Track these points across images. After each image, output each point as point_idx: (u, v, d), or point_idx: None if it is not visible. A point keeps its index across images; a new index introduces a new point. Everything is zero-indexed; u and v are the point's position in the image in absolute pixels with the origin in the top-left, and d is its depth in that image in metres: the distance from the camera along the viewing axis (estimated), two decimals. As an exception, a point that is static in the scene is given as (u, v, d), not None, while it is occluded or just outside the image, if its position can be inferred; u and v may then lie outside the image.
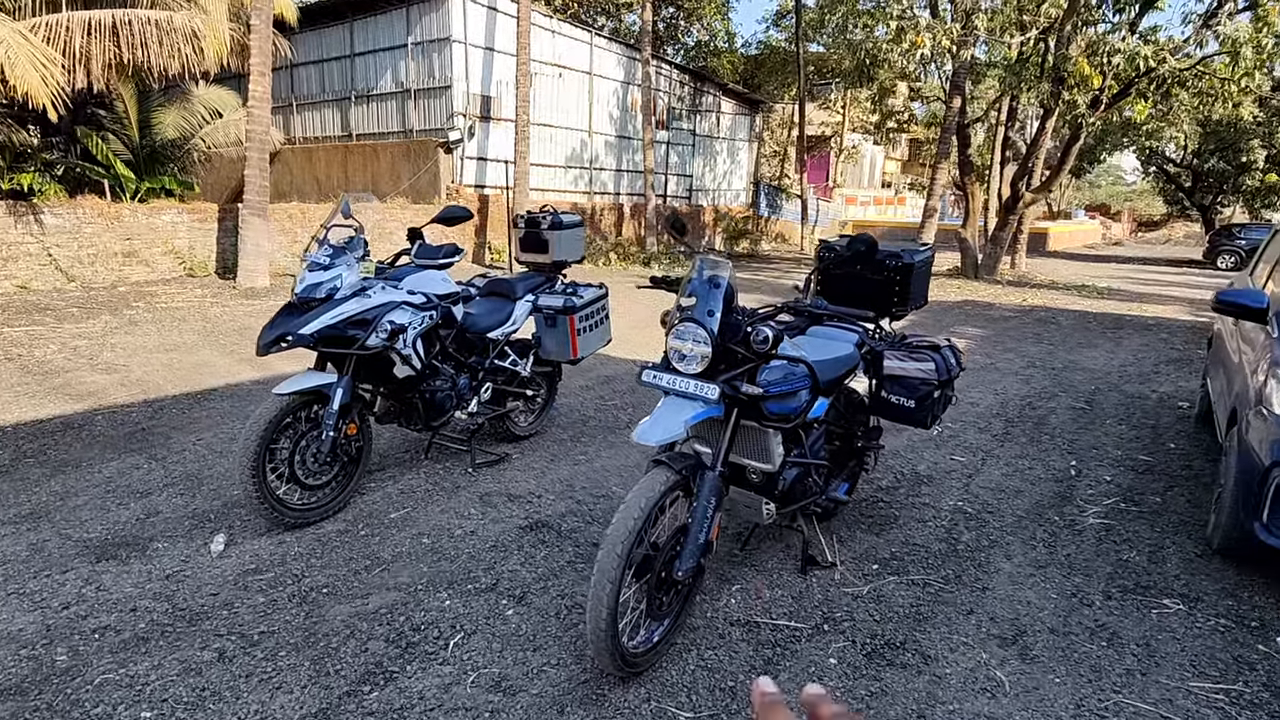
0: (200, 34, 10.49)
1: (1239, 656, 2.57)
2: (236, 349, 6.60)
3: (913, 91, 19.70)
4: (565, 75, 16.32)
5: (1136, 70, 12.03)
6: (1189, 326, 10.03)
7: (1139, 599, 2.93)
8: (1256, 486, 2.94)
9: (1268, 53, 11.74)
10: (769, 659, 2.47)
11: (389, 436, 4.47)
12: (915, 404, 3.08)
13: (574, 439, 4.61)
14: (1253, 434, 3.06)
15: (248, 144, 10.10)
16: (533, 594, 2.82)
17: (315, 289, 3.16)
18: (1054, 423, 5.27)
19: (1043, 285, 14.54)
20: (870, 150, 34.12)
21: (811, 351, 2.73)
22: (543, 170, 16.08)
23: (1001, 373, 6.79)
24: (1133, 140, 22.09)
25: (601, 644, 2.14)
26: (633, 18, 23.32)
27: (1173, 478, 4.27)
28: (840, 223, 28.56)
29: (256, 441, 3.02)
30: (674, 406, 2.33)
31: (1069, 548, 3.35)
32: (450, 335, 3.83)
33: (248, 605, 2.69)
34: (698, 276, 2.38)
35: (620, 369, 6.38)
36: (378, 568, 2.98)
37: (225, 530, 3.23)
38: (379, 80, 15.14)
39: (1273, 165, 23.22)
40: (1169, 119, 17.88)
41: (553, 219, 4.36)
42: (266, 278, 10.18)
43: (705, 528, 2.32)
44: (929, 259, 3.47)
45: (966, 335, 8.69)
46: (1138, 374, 6.94)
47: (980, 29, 12.30)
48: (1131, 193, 47.64)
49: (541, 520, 3.45)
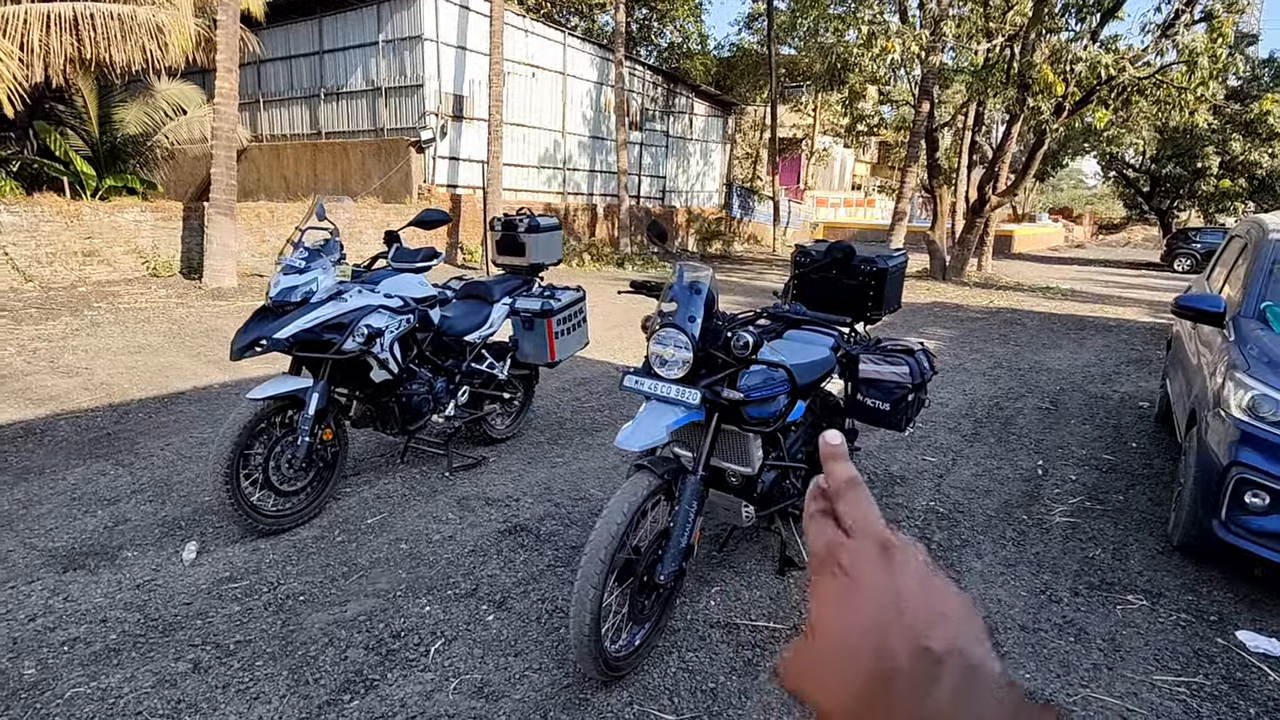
0: (165, 28, 10.28)
1: (1199, 650, 2.67)
2: (204, 351, 6.47)
3: (882, 96, 19.99)
4: (539, 75, 16.27)
5: (1098, 78, 12.34)
6: (1148, 328, 10.32)
7: (1104, 595, 3.02)
8: (1215, 485, 3.05)
9: (1222, 62, 12.14)
10: (749, 660, 2.51)
11: (364, 440, 4.42)
12: (890, 407, 3.14)
13: (551, 441, 4.61)
14: (1211, 435, 3.17)
15: (214, 141, 9.90)
16: (513, 598, 2.82)
17: (291, 292, 3.12)
18: (1021, 423, 5.40)
19: (1008, 287, 14.85)
20: (841, 153, 34.50)
21: (789, 355, 2.77)
22: (516, 170, 16.00)
23: (970, 373, 6.93)
24: (1094, 146, 22.70)
25: (584, 649, 2.15)
26: (606, 18, 23.31)
27: (1134, 476, 4.40)
28: (811, 224, 28.85)
29: (230, 447, 2.97)
30: (656, 412, 2.35)
31: (1037, 546, 3.43)
32: (427, 339, 3.80)
33: (222, 614, 2.65)
34: (679, 282, 2.40)
35: (597, 371, 6.39)
36: (355, 574, 2.96)
37: (197, 538, 3.17)
38: (349, 78, 14.94)
39: (1226, 171, 23.99)
40: (1128, 126, 18.40)
41: (529, 222, 4.35)
42: (234, 278, 9.99)
43: (687, 532, 2.34)
44: (902, 264, 3.53)
45: (936, 336, 8.84)
46: (1100, 374, 7.13)
47: (948, 35, 12.53)
48: (1093, 196, 48.88)
49: (520, 524, 3.44)
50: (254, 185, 15.89)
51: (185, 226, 10.51)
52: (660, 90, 20.58)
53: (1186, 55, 12.09)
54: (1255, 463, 2.92)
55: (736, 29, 37.75)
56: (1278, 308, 3.48)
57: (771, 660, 2.50)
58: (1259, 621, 2.86)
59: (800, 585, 2.99)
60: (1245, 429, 2.98)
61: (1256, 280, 3.73)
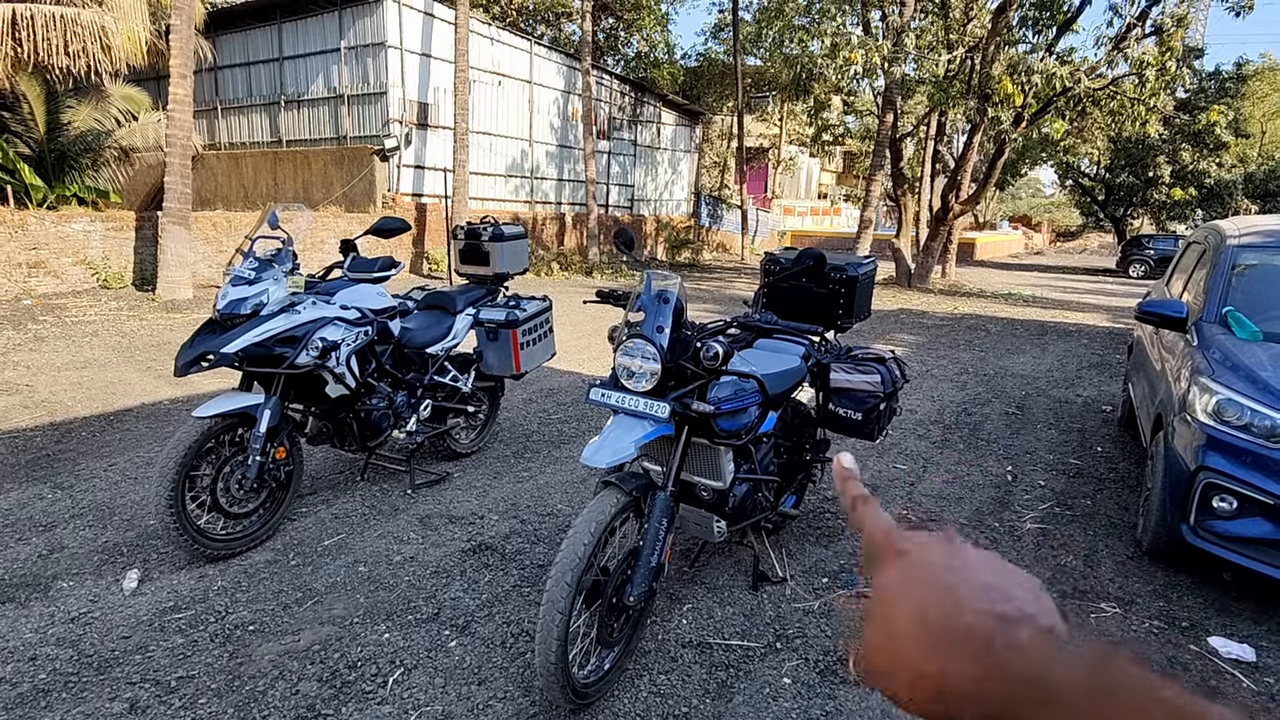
0: (111, 32, 9.96)
1: (1173, 658, 2.65)
2: (155, 365, 6.22)
3: (847, 106, 20.25)
4: (505, 83, 16.15)
5: (1054, 89, 12.63)
6: (1107, 332, 10.53)
7: (1077, 603, 3.00)
8: (1183, 490, 3.05)
9: (1171, 74, 12.51)
10: (723, 681, 2.42)
11: (321, 457, 4.26)
12: (862, 416, 3.10)
13: (517, 455, 4.49)
14: (1178, 440, 3.18)
15: (168, 149, 9.61)
16: (477, 622, 2.70)
17: (239, 305, 2.97)
18: (989, 428, 5.42)
19: (972, 293, 15.08)
20: (807, 162, 34.90)
21: (760, 365, 2.70)
22: (483, 179, 15.84)
23: (937, 379, 6.96)
24: (1051, 155, 23.24)
25: (551, 676, 2.05)
26: (572, 27, 23.30)
27: (1101, 480, 4.42)
28: (779, 233, 29.08)
29: (175, 468, 2.81)
30: (624, 426, 2.26)
31: (1010, 554, 3.41)
32: (387, 351, 3.67)
33: (164, 648, 2.48)
34: (646, 292, 2.32)
35: (565, 382, 6.28)
36: (310, 600, 2.81)
37: (139, 565, 3.00)
38: (310, 85, 14.67)
39: (1177, 180, 24.75)
40: (1084, 136, 18.90)
41: (494, 230, 4.25)
42: (189, 289, 9.68)
43: (658, 550, 2.25)
44: (872, 271, 3.50)
45: (903, 343, 8.90)
46: (1063, 379, 7.22)
47: (910, 47, 12.72)
48: (1051, 205, 50.13)
49: (485, 542, 3.32)
50: (211, 194, 15.49)
51: (138, 236, 10.17)
52: (628, 99, 20.59)
53: (1138, 67, 12.44)
54: (1222, 467, 2.92)
55: (703, 39, 38.03)
56: (1239, 312, 3.52)
57: (746, 682, 2.42)
58: (1230, 626, 2.85)
59: (774, 600, 2.91)
60: (1211, 433, 2.99)
61: (1217, 285, 3.78)
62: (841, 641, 2.62)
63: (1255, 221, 4.59)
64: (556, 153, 18.12)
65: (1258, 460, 2.84)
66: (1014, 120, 13.89)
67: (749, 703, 2.32)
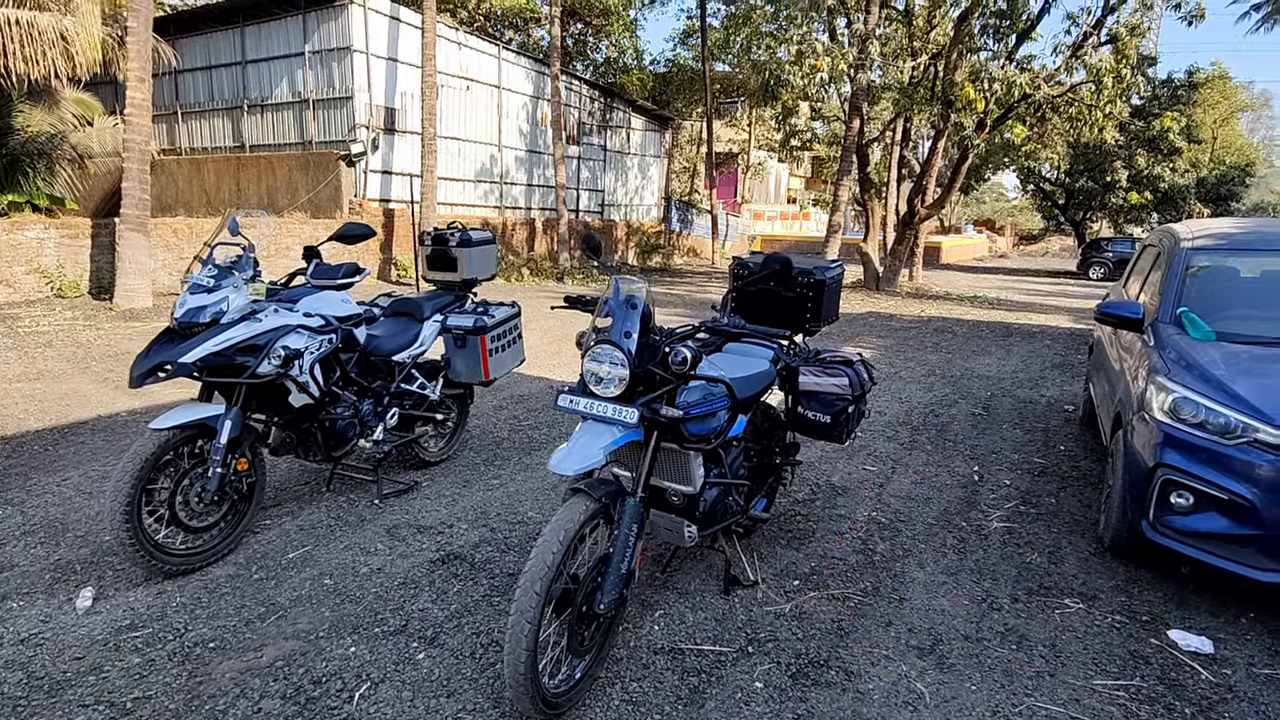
0: (70, 37, 9.71)
1: (1134, 651, 2.70)
2: (112, 376, 6.05)
3: (814, 112, 20.49)
4: (473, 88, 16.06)
5: (1014, 96, 12.91)
6: (1069, 333, 10.76)
7: (1043, 600, 3.05)
8: (1142, 487, 3.12)
9: (1126, 82, 12.87)
10: (695, 687, 2.41)
11: (286, 468, 4.17)
12: (831, 419, 3.12)
13: (487, 463, 4.44)
14: (1137, 438, 3.26)
15: (126, 154, 9.38)
16: (445, 633, 2.66)
17: (198, 313, 2.90)
18: (956, 429, 5.50)
19: (939, 296, 15.33)
20: (776, 167, 35.23)
21: (729, 369, 2.71)
22: (451, 184, 15.72)
23: (905, 381, 7.05)
24: (1013, 160, 23.73)
25: (521, 688, 2.02)
26: (541, 32, 23.26)
27: (1064, 479, 4.51)
28: (749, 237, 29.29)
29: (130, 482, 2.73)
30: (592, 432, 2.25)
31: (977, 553, 3.46)
32: (352, 359, 3.61)
33: (119, 668, 2.40)
34: (614, 297, 2.31)
35: (535, 388, 6.24)
36: (273, 615, 2.74)
37: (94, 583, 2.90)
38: (274, 89, 14.43)
39: (1134, 185, 25.44)
40: (1044, 141, 19.34)
41: (461, 236, 4.20)
42: (148, 298, 9.45)
43: (628, 557, 2.24)
44: (839, 275, 3.53)
45: (871, 345, 9.01)
46: (1027, 379, 7.36)
47: (875, 54, 12.91)
48: (1014, 209, 51.22)
49: (454, 552, 3.28)
50: (172, 200, 15.16)
51: (94, 244, 9.90)
52: (597, 105, 20.61)
53: (1094, 75, 12.78)
54: (1179, 464, 2.99)
55: (672, 45, 38.16)
56: (1193, 313, 3.61)
57: (718, 687, 2.42)
58: (1188, 620, 2.92)
59: (746, 604, 2.92)
60: (1168, 431, 3.06)
61: (1171, 287, 3.88)
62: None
63: (1207, 225, 4.72)
64: (526, 158, 18.06)
65: (1212, 457, 2.91)
66: (976, 126, 14.17)
67: (721, 708, 2.31)
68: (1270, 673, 2.59)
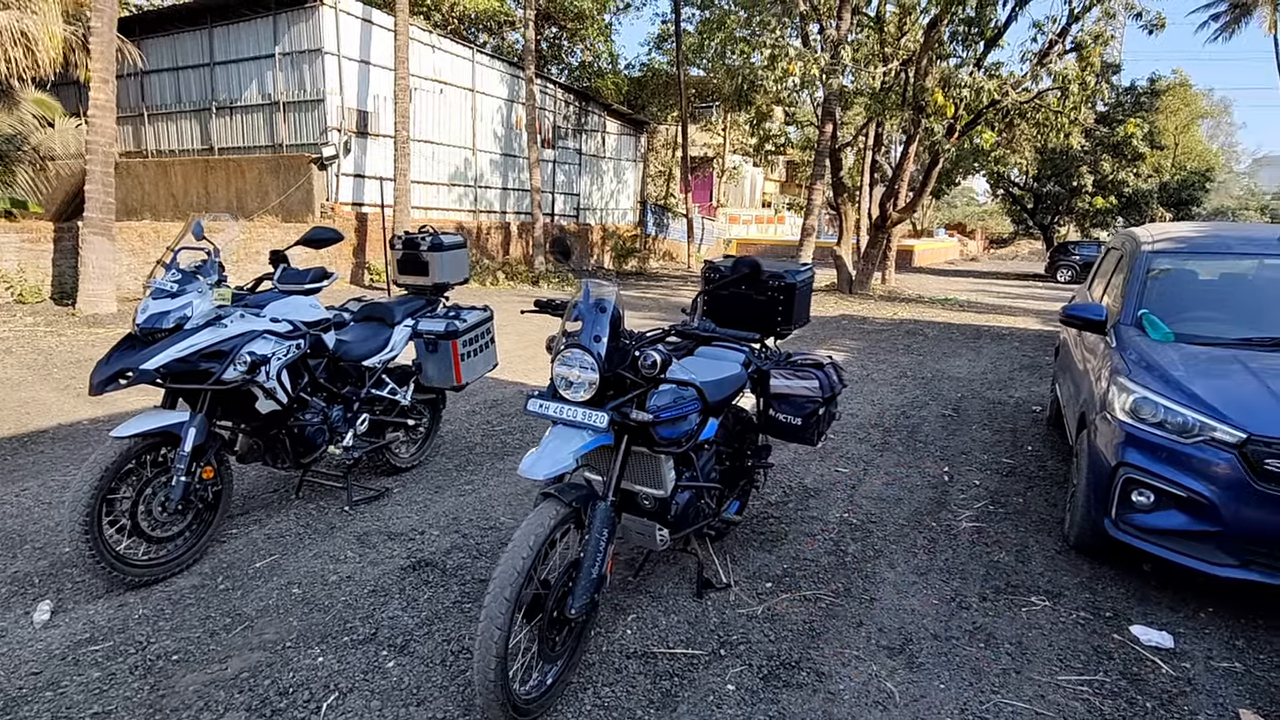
0: (32, 36, 9.49)
1: (1098, 647, 2.75)
2: (74, 383, 5.91)
3: (788, 116, 20.67)
4: (447, 91, 15.97)
5: (983, 102, 13.15)
6: (1037, 335, 10.96)
7: (1010, 598, 3.09)
8: (1105, 485, 3.19)
9: (1091, 89, 13.17)
10: (667, 691, 2.41)
11: (254, 476, 4.11)
12: (802, 421, 3.14)
13: (459, 468, 4.41)
14: (1100, 437, 3.32)
15: (89, 156, 9.18)
16: (416, 641, 2.63)
17: (161, 319, 2.84)
18: (926, 430, 5.56)
19: (911, 299, 15.53)
20: (750, 171, 35.46)
21: (700, 372, 2.72)
22: (425, 188, 15.61)
23: (877, 383, 7.13)
24: (983, 165, 24.16)
25: (491, 695, 2.00)
26: (515, 36, 23.19)
27: (1031, 479, 4.59)
28: (725, 241, 29.45)
29: (90, 492, 2.66)
30: (562, 436, 2.24)
31: (946, 553, 3.50)
32: (321, 365, 3.56)
33: (78, 683, 2.35)
34: (583, 301, 2.30)
35: (508, 392, 6.21)
36: (239, 626, 2.69)
37: (52, 596, 2.83)
38: (243, 91, 14.23)
39: (1099, 189, 26.01)
40: (1012, 147, 19.69)
41: (432, 240, 4.17)
42: (113, 303, 9.25)
43: (599, 562, 2.23)
44: (810, 278, 3.56)
45: (844, 348, 9.10)
46: (996, 381, 7.47)
47: (847, 60, 13.07)
48: (984, 213, 52.07)
49: (425, 558, 3.25)
50: (138, 203, 14.86)
51: (56, 248, 9.67)
52: (572, 108, 20.59)
53: (1060, 82, 13.05)
54: (1140, 462, 3.06)
55: (647, 49, 38.28)
56: (1153, 315, 3.70)
57: (690, 690, 2.42)
58: (1150, 615, 2.98)
59: (719, 607, 2.92)
60: (1129, 431, 3.13)
61: (1133, 290, 3.96)
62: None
63: (1167, 229, 4.84)
64: (501, 161, 17.99)
65: (1172, 455, 2.98)
66: (947, 131, 14.39)
67: (693, 711, 2.32)
68: (1228, 665, 2.66)
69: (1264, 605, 3.05)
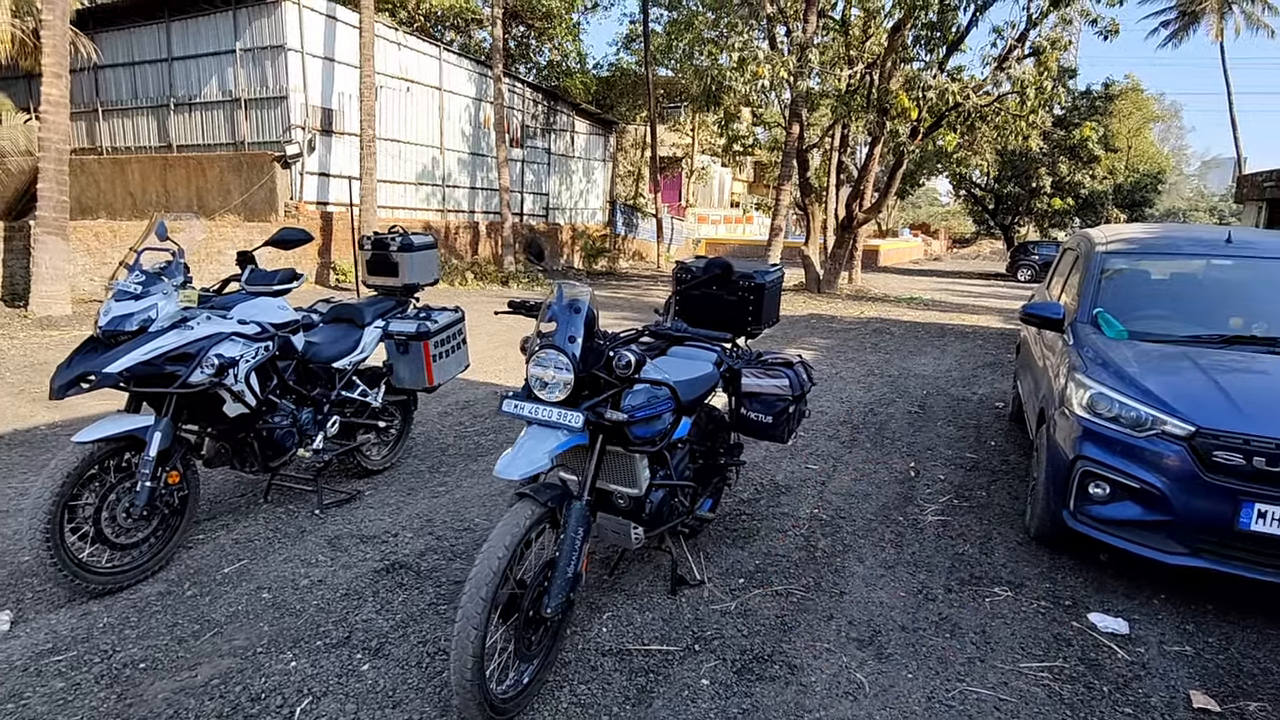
0: (-23, 27, 9.17)
1: (1058, 635, 2.85)
2: (28, 388, 5.74)
3: (756, 117, 20.85)
4: (414, 90, 15.80)
5: (946, 104, 13.42)
6: (999, 333, 11.22)
7: (974, 589, 3.18)
8: (1064, 478, 3.30)
9: (1048, 93, 13.52)
10: (643, 687, 2.44)
11: (221, 480, 4.04)
12: (773, 419, 3.19)
13: (432, 470, 4.39)
14: (1059, 432, 3.43)
15: (42, 153, 8.91)
16: (390, 644, 2.62)
17: (124, 321, 2.79)
18: (893, 427, 5.68)
19: (877, 298, 15.78)
20: (719, 171, 35.67)
21: (673, 372, 2.75)
22: (392, 187, 15.43)
23: (845, 381, 7.25)
24: (945, 166, 24.67)
25: (468, 694, 2.01)
26: (482, 34, 23.03)
27: (994, 473, 4.71)
28: (694, 240, 29.58)
29: (51, 499, 2.61)
30: (537, 436, 2.26)
31: (913, 546, 3.59)
32: (290, 367, 3.52)
33: (42, 694, 2.30)
34: (557, 301, 2.32)
35: (480, 393, 6.18)
36: (208, 632, 2.66)
37: (12, 606, 2.76)
38: (203, 87, 13.92)
39: (1057, 191, 26.71)
40: (974, 149, 20.12)
41: (402, 240, 4.14)
42: (67, 305, 8.99)
43: (574, 560, 2.25)
44: (779, 278, 3.62)
45: (813, 346, 9.22)
46: (960, 378, 7.65)
47: (814, 62, 13.23)
48: (947, 213, 53.10)
49: (399, 561, 3.23)
50: (93, 201, 14.45)
51: (7, 248, 9.38)
52: (541, 108, 20.52)
53: (1019, 86, 13.37)
54: (1096, 456, 3.17)
55: (615, 49, 38.28)
56: (1108, 314, 3.83)
57: (665, 686, 2.45)
58: (1106, 603, 3.09)
59: (693, 603, 2.96)
60: (1086, 425, 3.24)
61: (1088, 289, 4.10)
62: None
63: (1121, 230, 5.01)
64: (469, 160, 17.85)
65: (1126, 449, 3.10)
66: (910, 133, 14.66)
67: (668, 706, 2.35)
68: (1180, 649, 2.77)
69: (1212, 591, 3.18)
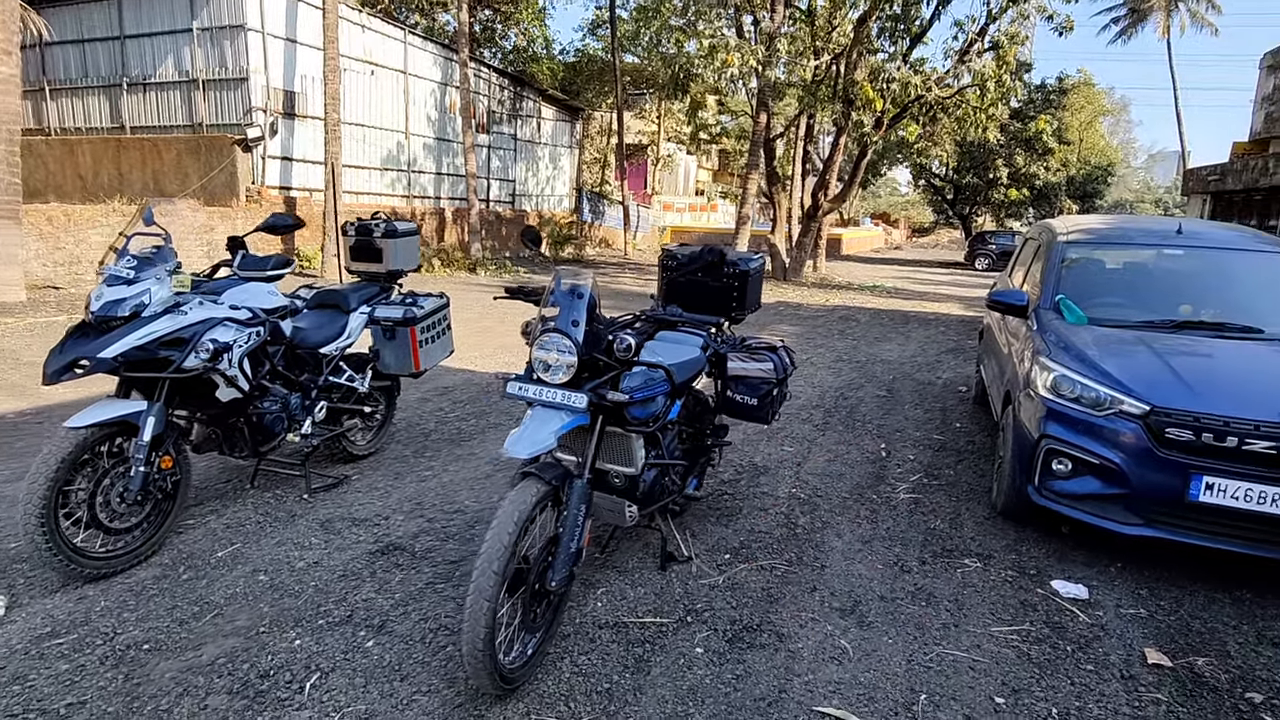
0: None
1: (1024, 601, 3.04)
2: (-9, 376, 5.59)
3: (722, 106, 20.97)
4: (378, 73, 15.54)
5: (909, 96, 13.72)
6: (960, 320, 11.58)
7: (946, 561, 3.37)
8: (1029, 456, 3.49)
9: (1007, 86, 13.90)
10: (640, 656, 2.55)
11: (206, 465, 4.02)
12: (758, 401, 3.32)
13: (417, 454, 4.43)
14: (1024, 413, 3.63)
15: (-10, 134, 8.57)
16: (393, 621, 2.69)
17: (117, 306, 2.78)
18: (863, 410, 5.88)
19: (842, 286, 16.09)
20: (685, 159, 35.75)
21: (664, 356, 2.85)
22: (357, 172, 15.19)
23: (816, 367, 7.44)
24: (906, 157, 25.15)
25: (479, 664, 2.10)
26: (447, 17, 22.68)
27: (960, 452, 4.93)
28: (660, 228, 29.64)
29: (45, 484, 2.60)
30: (542, 417, 2.34)
31: (888, 522, 3.76)
32: (279, 352, 3.53)
33: (47, 675, 2.31)
34: (559, 287, 2.40)
35: (459, 379, 6.21)
36: (209, 614, 2.69)
37: (4, 592, 2.75)
38: (157, 67, 13.50)
39: (1013, 182, 27.44)
40: (934, 140, 20.56)
41: (386, 226, 4.15)
42: (21, 290, 8.72)
43: (577, 536, 2.35)
44: (761, 266, 3.74)
45: (783, 333, 9.41)
46: (925, 363, 7.91)
47: (782, 52, 13.38)
48: (907, 203, 54.10)
49: (393, 543, 3.29)
50: (42, 184, 13.93)
51: (-46, 232, 9.00)
52: (507, 93, 20.33)
53: (979, 79, 13.73)
54: (1059, 434, 3.37)
55: (581, 35, 37.99)
56: (1069, 300, 4.04)
57: (662, 655, 2.57)
58: (1068, 571, 3.30)
59: (682, 578, 3.08)
60: (1050, 405, 3.44)
61: (1050, 277, 4.31)
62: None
63: (1080, 221, 5.25)
64: (435, 146, 17.64)
65: (1087, 427, 3.30)
66: (874, 124, 14.93)
67: (666, 673, 2.47)
68: (1134, 612, 2.98)
69: (1165, 559, 3.42)
